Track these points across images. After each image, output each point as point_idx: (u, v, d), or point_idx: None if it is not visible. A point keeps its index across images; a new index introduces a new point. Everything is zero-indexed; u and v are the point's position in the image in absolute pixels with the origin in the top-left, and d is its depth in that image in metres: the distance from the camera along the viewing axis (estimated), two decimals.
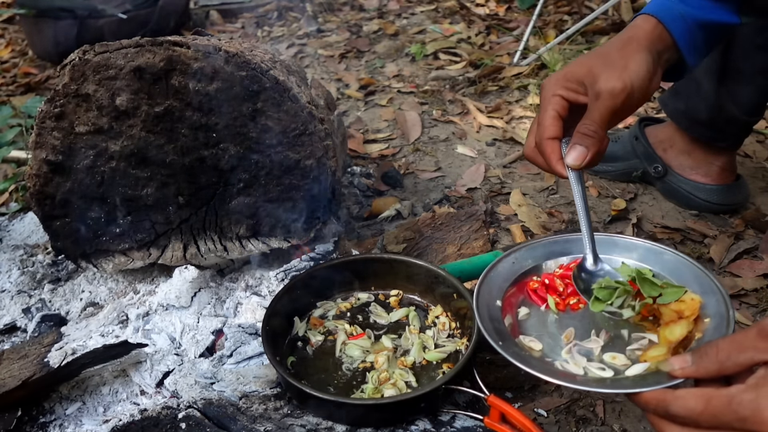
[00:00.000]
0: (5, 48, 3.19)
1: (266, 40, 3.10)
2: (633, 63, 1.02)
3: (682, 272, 1.05)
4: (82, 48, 1.21)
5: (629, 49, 1.04)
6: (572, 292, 1.06)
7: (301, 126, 1.24)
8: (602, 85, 1.00)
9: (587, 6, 3.00)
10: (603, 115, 1.01)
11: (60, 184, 1.24)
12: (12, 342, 1.31)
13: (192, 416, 1.07)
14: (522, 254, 1.12)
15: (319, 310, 1.26)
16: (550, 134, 1.04)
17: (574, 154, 1.02)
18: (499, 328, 0.99)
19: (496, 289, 1.06)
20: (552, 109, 1.04)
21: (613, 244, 1.12)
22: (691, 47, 1.07)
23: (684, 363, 0.82)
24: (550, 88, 1.06)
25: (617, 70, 1.01)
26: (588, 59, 1.05)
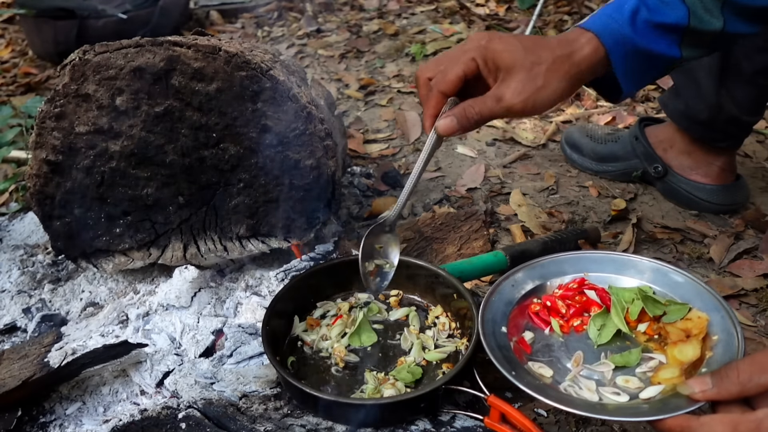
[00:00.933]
0: (5, 48, 3.19)
1: (266, 40, 3.10)
2: (549, 89, 0.99)
3: (685, 289, 1.04)
4: (82, 48, 1.21)
5: (557, 71, 1.00)
6: (575, 314, 1.06)
7: (301, 126, 1.24)
8: (509, 95, 0.98)
9: (587, 6, 3.00)
10: (491, 116, 1.01)
11: (60, 184, 1.24)
12: (12, 342, 1.31)
13: (192, 416, 1.07)
14: (521, 276, 1.12)
15: (319, 310, 1.26)
16: (444, 89, 1.03)
17: (447, 123, 1.01)
18: (509, 356, 0.98)
19: (499, 315, 1.05)
20: (462, 69, 1.02)
21: (612, 262, 1.12)
22: (629, 74, 1.04)
23: (704, 386, 0.80)
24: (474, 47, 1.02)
25: (531, 88, 0.98)
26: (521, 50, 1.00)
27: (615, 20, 1.02)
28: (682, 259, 1.52)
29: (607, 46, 1.01)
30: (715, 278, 1.45)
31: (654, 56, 1.04)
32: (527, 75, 0.98)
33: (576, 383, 0.95)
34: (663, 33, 1.02)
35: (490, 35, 1.02)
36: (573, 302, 1.07)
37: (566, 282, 1.11)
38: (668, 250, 1.55)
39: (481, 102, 1.01)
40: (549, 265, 1.13)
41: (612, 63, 1.02)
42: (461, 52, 1.02)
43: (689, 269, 1.49)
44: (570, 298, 1.08)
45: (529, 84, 0.98)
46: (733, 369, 0.78)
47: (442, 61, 1.05)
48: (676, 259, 1.52)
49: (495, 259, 1.36)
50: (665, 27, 1.02)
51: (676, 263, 1.50)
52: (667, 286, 1.06)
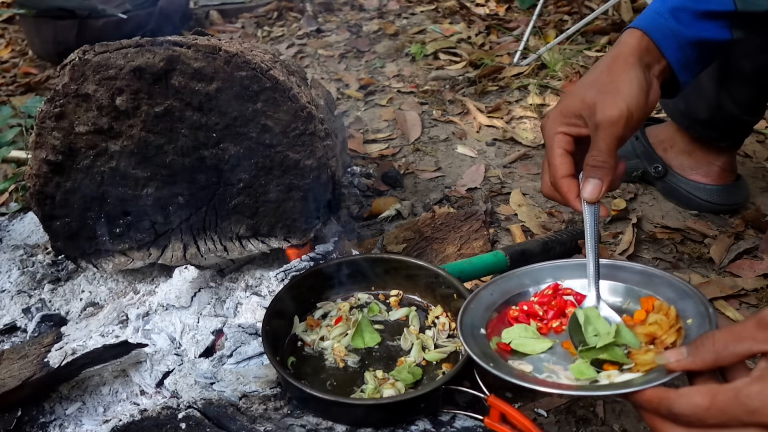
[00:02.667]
0: (5, 48, 3.19)
1: (266, 40, 3.10)
2: (624, 85, 1.00)
3: (655, 283, 1.05)
4: (82, 48, 1.21)
5: (617, 69, 1.02)
6: (554, 316, 1.07)
7: (301, 126, 1.24)
8: (600, 116, 0.99)
9: (587, 6, 3.00)
10: (608, 144, 1.00)
11: (60, 184, 1.24)
12: (12, 342, 1.31)
13: (192, 416, 1.07)
14: (499, 286, 1.12)
15: (320, 310, 1.26)
16: (563, 173, 1.04)
17: (589, 188, 1.02)
18: (487, 352, 0.99)
19: (478, 319, 1.06)
20: (558, 147, 1.04)
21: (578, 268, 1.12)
22: (683, 65, 1.06)
23: (679, 355, 0.81)
24: (550, 127, 1.05)
25: (611, 95, 1.00)
26: (580, 89, 1.04)
27: (660, 14, 1.04)
28: (682, 259, 1.52)
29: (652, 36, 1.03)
30: (715, 278, 1.45)
31: (707, 43, 1.06)
32: (598, 93, 1.01)
33: (554, 374, 0.95)
34: (711, 20, 1.04)
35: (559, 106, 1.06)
36: (550, 306, 1.08)
37: (541, 289, 1.12)
38: (668, 250, 1.55)
39: (593, 145, 1.02)
40: (526, 274, 1.14)
41: (666, 56, 1.03)
42: (548, 139, 1.06)
43: (690, 269, 1.49)
44: (546, 303, 1.09)
45: (607, 97, 1.00)
46: (709, 338, 0.79)
47: (545, 161, 1.08)
48: (676, 260, 1.52)
49: (495, 259, 1.36)
50: (712, 14, 1.04)
51: (676, 263, 1.50)
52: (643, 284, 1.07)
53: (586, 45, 2.60)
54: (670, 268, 1.49)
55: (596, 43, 2.62)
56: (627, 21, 2.73)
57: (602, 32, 2.70)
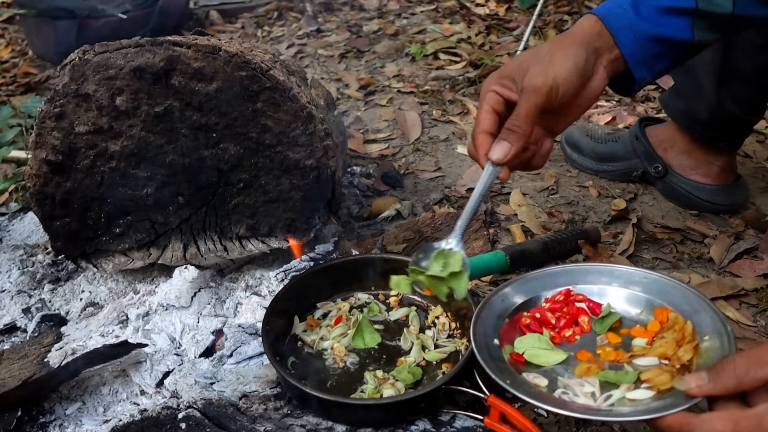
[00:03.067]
0: (5, 48, 3.19)
1: (266, 40, 3.10)
2: (559, 58, 1.00)
3: (671, 294, 1.04)
4: (82, 48, 1.21)
5: (559, 44, 1.03)
6: (566, 324, 1.06)
7: (301, 126, 1.24)
8: (526, 81, 1.01)
9: (587, 6, 3.00)
10: (528, 110, 1.01)
11: (60, 184, 1.24)
12: (12, 342, 1.31)
13: (192, 416, 1.07)
14: (509, 290, 1.11)
15: (320, 310, 1.26)
16: (482, 128, 1.04)
17: (498, 148, 1.02)
18: (503, 366, 0.97)
19: (491, 329, 1.04)
20: (486, 104, 1.04)
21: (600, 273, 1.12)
22: (640, 59, 1.04)
23: (700, 381, 0.79)
24: (486, 84, 1.06)
25: (542, 65, 1.00)
26: (522, 56, 1.05)
27: (620, 5, 1.03)
28: (682, 259, 1.52)
29: (608, 24, 1.02)
30: (715, 278, 1.45)
31: (666, 41, 1.04)
32: (534, 61, 1.02)
33: (570, 390, 0.94)
34: (672, 16, 1.03)
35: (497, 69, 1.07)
36: (562, 314, 1.07)
37: (552, 295, 1.11)
38: (668, 250, 1.55)
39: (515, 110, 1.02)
40: (537, 279, 1.13)
41: (619, 46, 1.03)
42: (481, 96, 1.06)
43: (690, 269, 1.49)
44: (558, 309, 1.08)
45: (538, 65, 1.01)
46: (730, 363, 0.78)
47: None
48: (676, 259, 1.52)
49: (495, 259, 1.36)
50: (673, 10, 1.02)
51: (676, 263, 1.50)
52: (657, 294, 1.06)
53: None
54: (670, 268, 1.49)
55: None
56: None
57: None
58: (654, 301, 1.06)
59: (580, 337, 1.05)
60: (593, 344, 1.03)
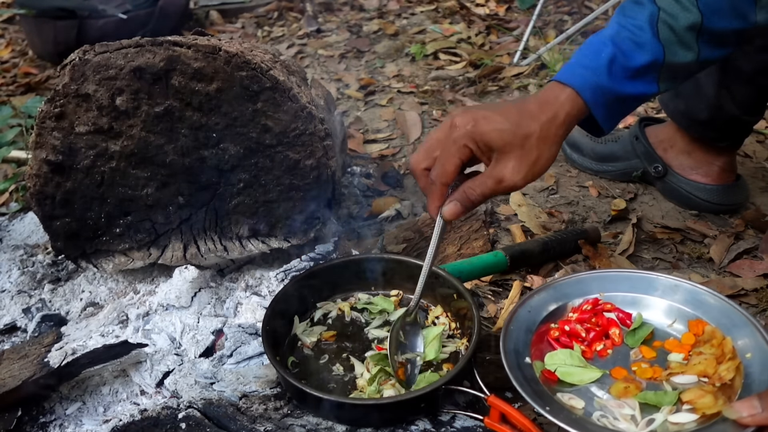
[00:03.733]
0: (5, 48, 3.19)
1: (266, 40, 3.10)
2: (543, 159, 1.01)
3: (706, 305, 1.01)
4: (82, 48, 1.21)
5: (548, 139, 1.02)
6: (596, 337, 1.04)
7: (301, 126, 1.24)
8: (508, 174, 1.00)
9: (587, 6, 3.00)
10: (493, 194, 1.04)
11: (60, 184, 1.24)
12: (12, 342, 1.31)
13: (192, 416, 1.07)
14: (535, 301, 1.09)
15: (320, 310, 1.26)
16: (445, 180, 1.04)
17: (453, 208, 1.04)
18: (538, 389, 0.95)
19: (521, 344, 1.02)
20: (458, 157, 1.03)
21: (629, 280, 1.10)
22: (608, 117, 1.07)
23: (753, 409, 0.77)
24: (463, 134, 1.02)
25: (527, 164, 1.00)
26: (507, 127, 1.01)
27: (593, 72, 1.04)
28: (682, 259, 1.52)
29: (587, 100, 1.03)
30: (715, 278, 1.45)
31: (634, 98, 1.08)
32: (521, 152, 1.00)
33: (609, 413, 0.91)
34: (640, 75, 1.05)
35: (474, 116, 1.02)
36: (592, 325, 1.05)
37: (579, 304, 1.09)
38: (668, 250, 1.55)
39: (482, 183, 1.03)
40: (564, 286, 1.10)
41: (593, 113, 1.05)
42: (452, 142, 1.03)
43: (690, 269, 1.49)
44: (587, 320, 1.06)
45: (524, 160, 1.00)
46: None
47: (432, 149, 1.06)
48: (676, 260, 1.52)
49: (495, 259, 1.36)
50: (642, 69, 1.05)
51: (676, 263, 1.50)
52: (691, 304, 1.03)
53: None
54: (670, 268, 1.49)
55: None
56: None
57: None
58: (687, 311, 1.03)
59: (612, 351, 1.03)
60: (626, 359, 1.01)
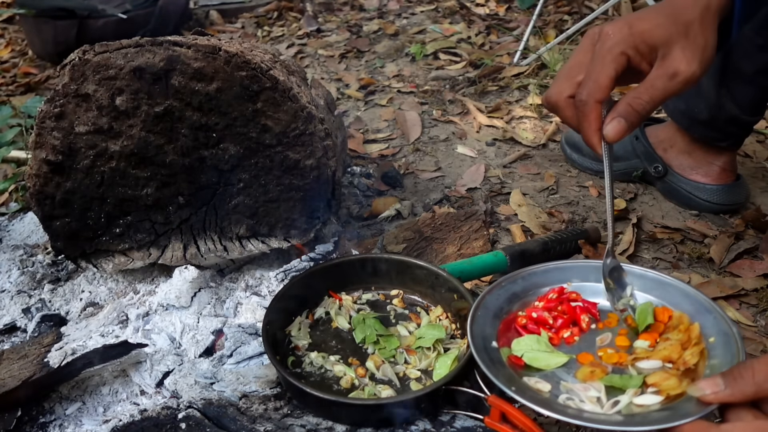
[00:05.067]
0: (5, 48, 3.19)
1: (266, 40, 3.10)
2: (710, 45, 0.89)
3: (672, 294, 1.03)
4: (82, 48, 1.21)
5: (707, 23, 0.90)
6: (563, 324, 1.05)
7: (301, 126, 1.24)
8: (682, 65, 0.87)
9: (587, 6, 3.00)
10: (667, 97, 0.89)
11: (60, 184, 1.24)
12: (12, 342, 1.31)
13: (192, 416, 1.07)
14: (504, 289, 1.09)
15: (320, 309, 1.26)
16: (601, 96, 0.91)
17: (617, 126, 0.90)
18: (505, 372, 0.96)
19: (488, 329, 1.03)
20: (614, 68, 0.91)
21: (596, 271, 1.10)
22: (746, 6, 0.94)
23: (716, 387, 0.77)
24: (619, 41, 0.91)
25: (698, 51, 0.88)
26: (665, 20, 0.89)
27: None
28: (682, 259, 1.52)
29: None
30: (715, 278, 1.45)
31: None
32: (687, 41, 0.89)
33: (575, 396, 0.92)
34: None
35: (625, 21, 0.91)
36: (559, 313, 1.06)
37: (545, 293, 1.10)
38: (668, 250, 1.55)
39: (650, 87, 0.90)
40: (530, 276, 1.11)
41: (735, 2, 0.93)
42: (606, 52, 0.91)
43: (690, 269, 1.49)
44: (554, 308, 1.07)
45: (695, 47, 0.88)
46: (748, 369, 0.75)
47: (573, 74, 0.94)
48: (676, 260, 1.52)
49: (495, 259, 1.36)
50: None
51: (676, 263, 1.50)
52: (654, 291, 1.05)
53: None
54: (670, 268, 1.49)
55: None
56: None
57: None
58: (653, 300, 1.05)
59: (579, 337, 1.04)
60: (593, 345, 1.02)
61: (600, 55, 0.91)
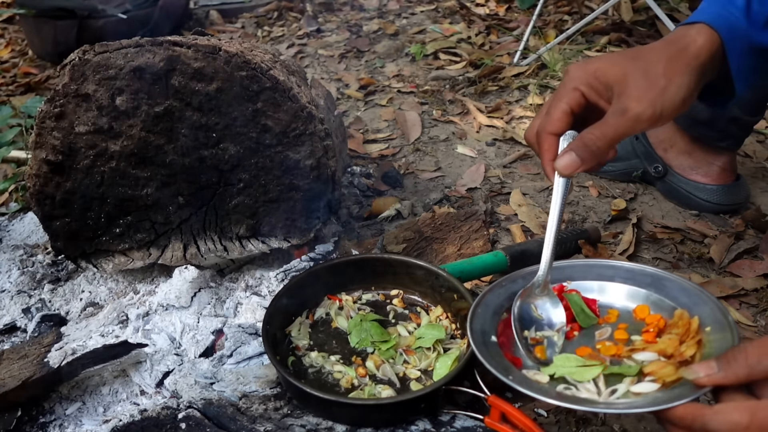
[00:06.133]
0: (5, 48, 3.19)
1: (266, 40, 3.10)
2: (674, 87, 0.88)
3: (668, 288, 1.04)
4: (82, 48, 1.21)
5: (676, 66, 0.89)
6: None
7: (301, 126, 1.24)
8: (633, 104, 0.87)
9: (587, 6, 3.00)
10: (618, 134, 0.89)
11: (60, 184, 1.24)
12: (12, 342, 1.31)
13: (192, 416, 1.07)
14: (504, 288, 1.10)
15: (320, 309, 1.26)
16: (552, 129, 0.94)
17: (567, 161, 0.91)
18: (503, 363, 0.96)
19: (488, 325, 1.03)
20: (567, 102, 0.93)
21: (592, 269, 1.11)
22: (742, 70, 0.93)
23: (709, 370, 0.78)
24: (574, 77, 0.93)
25: (654, 90, 0.87)
26: (626, 60, 0.91)
27: (729, 11, 0.92)
28: (682, 259, 1.52)
29: (723, 35, 0.90)
30: (715, 278, 1.45)
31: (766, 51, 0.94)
32: (645, 79, 0.88)
33: (572, 385, 0.93)
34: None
35: (586, 61, 0.93)
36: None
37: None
38: (668, 250, 1.55)
39: (602, 124, 0.90)
40: (532, 276, 1.11)
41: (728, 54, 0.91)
42: (561, 88, 0.94)
43: (690, 269, 1.49)
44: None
45: (651, 87, 0.88)
46: (741, 352, 0.76)
47: (546, 103, 0.97)
48: (676, 260, 1.52)
49: (495, 259, 1.36)
50: None
51: (676, 263, 1.50)
52: (653, 287, 1.05)
53: (586, 45, 2.60)
54: (670, 268, 1.49)
55: (596, 43, 2.62)
56: (627, 21, 2.73)
57: (602, 32, 2.70)
58: (650, 294, 1.05)
59: (579, 333, 1.05)
60: (592, 339, 1.03)
61: (557, 91, 0.96)
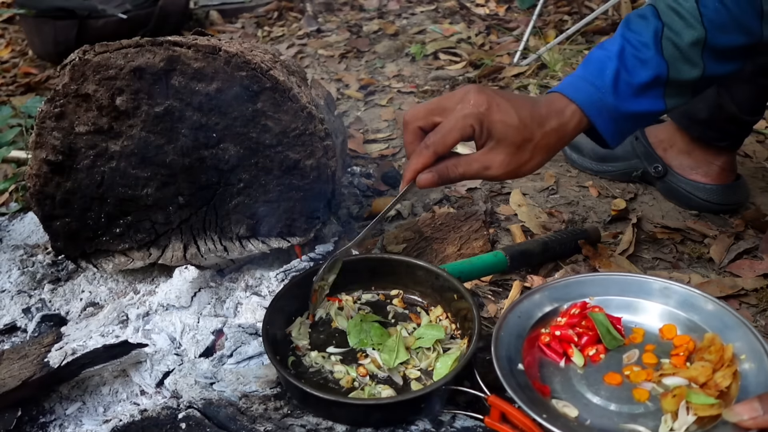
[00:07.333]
0: (5, 48, 3.19)
1: (266, 40, 3.10)
2: (533, 162, 1.04)
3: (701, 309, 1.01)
4: (82, 48, 1.21)
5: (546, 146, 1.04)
6: (588, 342, 1.03)
7: (301, 126, 1.24)
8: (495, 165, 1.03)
9: (587, 6, 3.00)
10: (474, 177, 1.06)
11: (60, 184, 1.24)
12: (12, 342, 1.31)
13: (192, 416, 1.07)
14: (524, 306, 1.09)
15: (321, 310, 1.26)
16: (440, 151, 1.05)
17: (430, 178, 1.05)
18: (533, 396, 0.95)
19: (513, 351, 1.01)
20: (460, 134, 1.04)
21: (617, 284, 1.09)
22: (616, 133, 1.08)
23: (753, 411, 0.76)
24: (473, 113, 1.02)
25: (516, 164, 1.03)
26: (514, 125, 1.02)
27: (597, 89, 1.05)
28: (682, 259, 1.52)
29: (592, 118, 1.05)
30: (715, 278, 1.45)
31: (641, 115, 1.08)
32: (516, 151, 1.02)
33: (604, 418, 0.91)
34: (645, 92, 1.05)
35: (489, 100, 1.02)
36: (584, 330, 1.04)
37: (567, 308, 1.08)
38: (668, 250, 1.55)
39: (466, 164, 1.05)
40: (553, 291, 1.10)
41: (598, 129, 1.06)
42: (460, 117, 1.02)
43: (690, 269, 1.49)
44: (577, 324, 1.05)
45: (516, 159, 1.03)
46: None
47: (434, 112, 1.05)
48: (676, 260, 1.52)
49: (495, 259, 1.36)
50: (646, 86, 1.05)
51: (676, 263, 1.50)
52: (683, 308, 1.03)
53: (586, 45, 2.60)
54: (670, 268, 1.49)
55: (596, 43, 2.62)
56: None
57: (602, 32, 2.70)
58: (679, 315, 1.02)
59: (605, 355, 1.02)
60: (619, 363, 1.01)
61: (456, 116, 1.02)
